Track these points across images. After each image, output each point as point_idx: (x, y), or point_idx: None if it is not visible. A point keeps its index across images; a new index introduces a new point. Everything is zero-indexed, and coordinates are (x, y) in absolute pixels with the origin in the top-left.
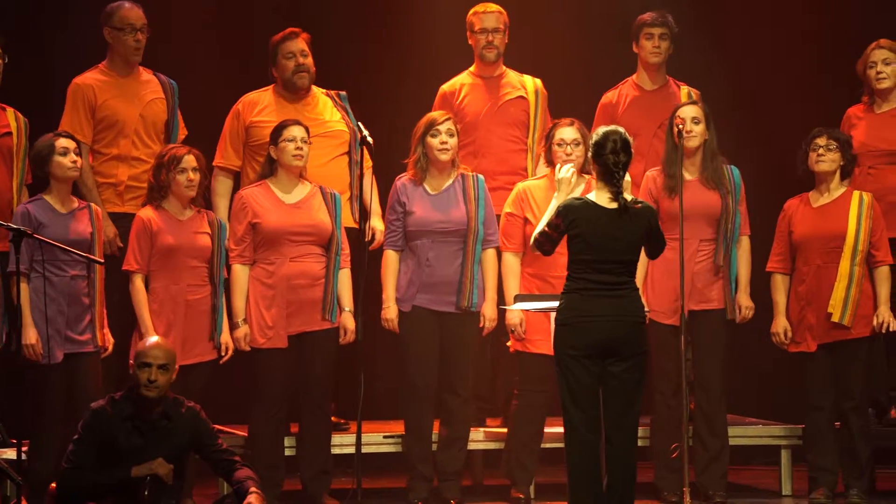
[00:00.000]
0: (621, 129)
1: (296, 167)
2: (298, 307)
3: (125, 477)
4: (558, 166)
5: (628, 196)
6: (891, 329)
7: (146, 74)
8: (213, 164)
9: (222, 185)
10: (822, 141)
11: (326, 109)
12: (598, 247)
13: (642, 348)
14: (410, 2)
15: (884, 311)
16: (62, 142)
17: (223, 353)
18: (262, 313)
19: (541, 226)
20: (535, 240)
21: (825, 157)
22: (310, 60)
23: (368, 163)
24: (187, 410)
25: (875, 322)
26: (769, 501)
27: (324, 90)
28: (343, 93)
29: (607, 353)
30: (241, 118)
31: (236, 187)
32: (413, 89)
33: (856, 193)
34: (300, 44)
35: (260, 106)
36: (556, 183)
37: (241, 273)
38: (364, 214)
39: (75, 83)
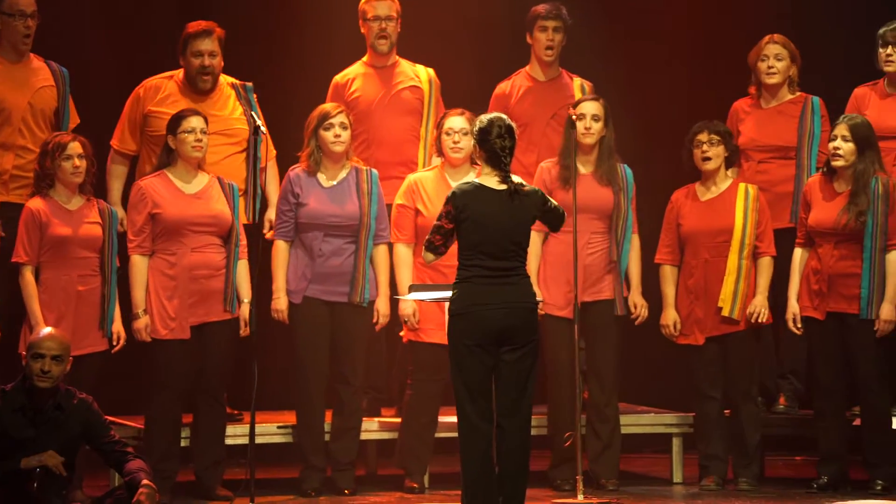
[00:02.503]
0: (504, 116)
1: (195, 158)
2: (200, 298)
3: (14, 468)
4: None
5: (516, 178)
6: (761, 321)
7: (37, 62)
8: (111, 143)
9: (117, 168)
10: (703, 137)
11: (228, 105)
12: (488, 228)
13: (535, 335)
14: None
15: (759, 300)
16: None
17: (115, 343)
18: (164, 304)
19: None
20: (427, 241)
21: (710, 153)
22: (217, 61)
23: (272, 152)
24: (79, 402)
25: (748, 310)
26: (661, 489)
27: (230, 80)
28: (249, 84)
29: (501, 342)
30: (141, 103)
31: (131, 169)
32: (308, 80)
33: (741, 186)
34: (210, 44)
35: (162, 94)
36: None
37: (140, 264)
38: (264, 205)
39: None
